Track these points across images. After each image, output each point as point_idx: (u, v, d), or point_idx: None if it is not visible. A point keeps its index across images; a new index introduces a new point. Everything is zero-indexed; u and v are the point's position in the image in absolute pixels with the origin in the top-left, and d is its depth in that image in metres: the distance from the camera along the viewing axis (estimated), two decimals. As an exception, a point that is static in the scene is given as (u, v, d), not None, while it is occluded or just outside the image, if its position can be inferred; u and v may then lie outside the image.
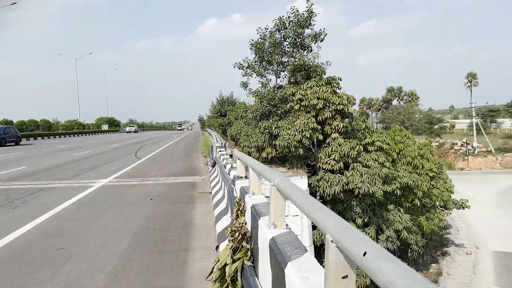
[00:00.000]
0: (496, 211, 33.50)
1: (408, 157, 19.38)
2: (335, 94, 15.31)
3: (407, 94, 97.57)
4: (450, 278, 19.97)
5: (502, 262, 22.13)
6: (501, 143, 65.92)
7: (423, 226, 18.67)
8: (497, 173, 52.57)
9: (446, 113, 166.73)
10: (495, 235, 26.90)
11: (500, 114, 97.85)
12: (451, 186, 23.48)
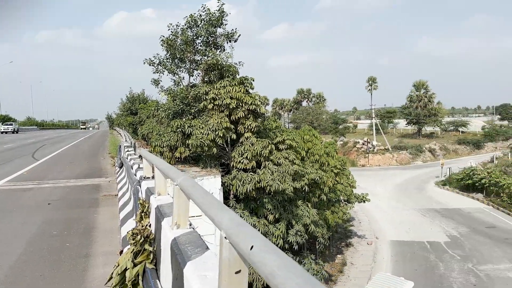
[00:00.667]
0: (393, 203, 37.00)
1: (316, 155, 20.47)
2: (248, 94, 15.58)
3: (316, 96, 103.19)
4: (353, 267, 21.55)
5: (398, 250, 24.47)
6: (397, 142, 72.94)
7: (329, 220, 19.89)
8: (393, 169, 58.05)
9: (349, 114, 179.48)
10: (392, 226, 29.69)
11: (396, 115, 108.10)
12: (354, 181, 25.37)
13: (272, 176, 14.56)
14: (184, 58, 16.49)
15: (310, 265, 15.83)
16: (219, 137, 14.17)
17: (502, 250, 23.46)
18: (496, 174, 37.00)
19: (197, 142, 13.63)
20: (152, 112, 20.36)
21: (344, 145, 70.83)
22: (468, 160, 53.39)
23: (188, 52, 16.28)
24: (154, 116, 19.17)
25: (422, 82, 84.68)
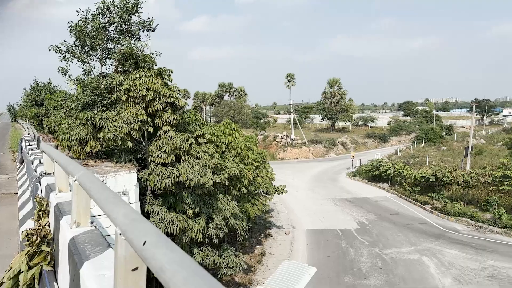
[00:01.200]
0: (309, 194, 38.80)
1: (237, 149, 20.60)
2: (166, 86, 15.12)
3: (237, 90, 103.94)
4: (272, 257, 22.20)
5: (313, 238, 25.71)
6: (313, 136, 76.49)
7: (249, 212, 20.22)
8: (310, 162, 60.85)
9: (270, 109, 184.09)
10: (308, 215, 31.12)
11: (312, 110, 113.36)
12: (273, 174, 26.06)
13: (192, 170, 14.34)
14: (95, 46, 15.45)
15: (229, 257, 15.95)
16: (134, 130, 13.57)
17: (404, 235, 25.85)
18: (400, 165, 40.64)
19: (109, 136, 12.90)
20: (60, 103, 18.83)
21: (264, 139, 72.38)
22: (376, 152, 57.92)
23: (100, 40, 15.29)
24: (62, 107, 17.74)
25: (335, 79, 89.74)
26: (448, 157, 50.53)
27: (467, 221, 28.20)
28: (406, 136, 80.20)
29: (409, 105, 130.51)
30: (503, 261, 20.86)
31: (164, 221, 13.91)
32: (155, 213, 14.16)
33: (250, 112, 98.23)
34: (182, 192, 14.82)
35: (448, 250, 22.82)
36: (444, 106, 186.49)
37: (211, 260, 14.93)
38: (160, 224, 13.74)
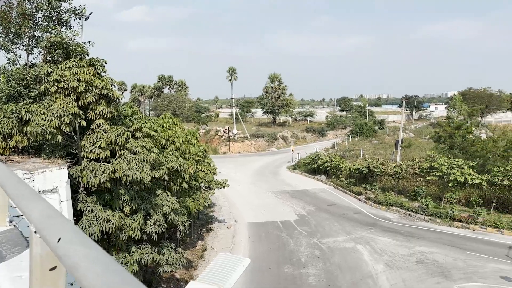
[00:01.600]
0: (251, 187, 39.20)
1: (177, 143, 20.22)
2: (100, 77, 14.40)
3: (177, 83, 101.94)
4: (213, 251, 22.15)
5: (255, 231, 26.03)
6: (255, 130, 77.25)
7: (190, 207, 19.98)
8: (252, 156, 61.43)
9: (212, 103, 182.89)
10: (250, 208, 31.44)
11: (254, 105, 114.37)
12: (214, 168, 25.96)
13: (128, 166, 13.83)
14: (21, 34, 14.31)
15: (169, 254, 15.66)
16: (65, 124, 12.77)
17: (340, 224, 27.02)
18: (336, 158, 42.36)
19: (37, 130, 12.04)
20: (-20, 95, 17.22)
21: (206, 133, 71.85)
22: (314, 146, 59.88)
23: (26, 27, 14.18)
24: (-17, 99, 16.24)
25: (276, 75, 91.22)
26: (381, 150, 53.58)
27: (397, 210, 30.11)
28: (342, 130, 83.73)
29: (345, 101, 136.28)
30: (429, 247, 22.56)
31: (99, 219, 13.30)
32: (89, 211, 13.50)
33: (191, 106, 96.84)
34: (118, 189, 14.26)
35: (380, 237, 24.23)
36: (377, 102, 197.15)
37: (150, 258, 14.57)
38: (95, 222, 13.14)
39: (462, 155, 35.98)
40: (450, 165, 29.46)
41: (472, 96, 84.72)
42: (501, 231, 24.81)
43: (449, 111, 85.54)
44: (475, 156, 34.82)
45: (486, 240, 23.77)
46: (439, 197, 30.62)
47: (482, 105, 79.64)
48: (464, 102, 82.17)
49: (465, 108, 77.70)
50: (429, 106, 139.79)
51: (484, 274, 18.67)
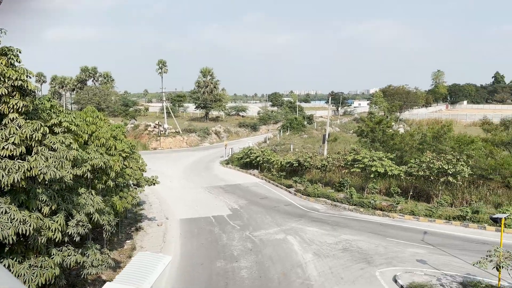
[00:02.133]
0: (183, 183, 38.55)
1: (102, 139, 19.17)
2: (13, 67, 13.14)
3: (103, 75, 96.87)
4: (143, 250, 21.38)
5: (187, 227, 25.63)
6: (187, 125, 76.01)
7: (117, 206, 19.08)
8: (184, 151, 60.42)
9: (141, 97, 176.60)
10: (182, 205, 30.90)
11: (186, 99, 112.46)
12: (143, 164, 25.06)
13: (46, 163, 12.81)
14: None
15: (94, 255, 14.82)
16: (-30, 118, 11.48)
17: (272, 217, 27.58)
18: (268, 152, 43.15)
19: None
20: None
21: (135, 128, 69.25)
22: (247, 141, 60.53)
23: None
24: None
25: (208, 69, 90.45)
26: (309, 144, 55.63)
27: (324, 200, 31.45)
28: (274, 125, 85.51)
29: (276, 96, 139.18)
30: (354, 235, 23.86)
31: (14, 221, 12.18)
32: (2, 213, 12.31)
33: (118, 100, 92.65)
34: (35, 188, 13.16)
35: (309, 228, 25.15)
36: (306, 98, 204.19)
37: (73, 260, 13.67)
38: (9, 224, 12.00)
39: (382, 148, 38.51)
40: (372, 157, 31.38)
41: (392, 93, 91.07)
42: (417, 218, 26.99)
43: (371, 107, 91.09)
44: (394, 149, 37.47)
45: (404, 226, 25.72)
46: (362, 187, 32.52)
47: (401, 101, 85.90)
48: (384, 98, 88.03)
49: (385, 104, 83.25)
50: (353, 102, 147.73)
51: (403, 259, 20.18)
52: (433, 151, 32.46)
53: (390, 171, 30.66)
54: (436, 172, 28.62)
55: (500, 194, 28.73)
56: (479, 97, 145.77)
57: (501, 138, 41.60)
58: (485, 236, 23.45)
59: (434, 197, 29.69)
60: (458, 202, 28.86)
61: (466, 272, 18.17)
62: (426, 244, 22.21)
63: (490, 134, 47.85)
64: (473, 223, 25.24)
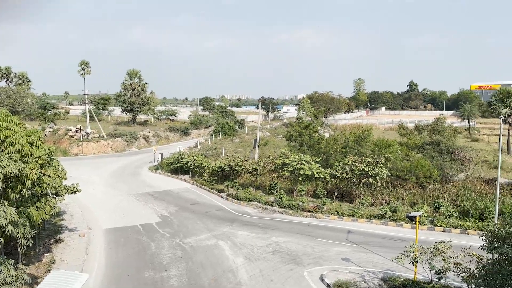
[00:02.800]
0: (109, 191, 36.69)
1: (17, 145, 17.57)
2: None
3: (18, 76, 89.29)
4: (63, 264, 19.99)
5: (112, 237, 24.39)
6: (112, 129, 72.61)
7: (34, 217, 17.59)
8: (109, 157, 57.56)
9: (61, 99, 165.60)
10: (107, 214, 29.37)
11: (111, 102, 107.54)
12: (63, 172, 23.41)
13: None
14: None
15: (7, 271, 13.51)
16: None
17: (203, 222, 27.29)
18: (199, 157, 42.69)
19: None
20: None
21: (54, 133, 64.68)
22: (177, 145, 59.33)
23: None
24: None
25: (135, 71, 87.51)
26: (241, 148, 56.09)
27: (255, 204, 31.86)
28: (205, 130, 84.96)
29: (208, 101, 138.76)
30: (283, 236, 24.44)
31: None
32: None
33: (35, 102, 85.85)
34: None
35: (240, 232, 25.28)
36: (237, 103, 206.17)
37: (-19, 279, 12.34)
38: None
39: (309, 151, 40.04)
40: (300, 161, 32.50)
41: (318, 99, 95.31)
42: (341, 218, 28.40)
43: (299, 112, 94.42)
44: (320, 153, 39.16)
45: (330, 226, 26.92)
46: (291, 190, 33.49)
47: (326, 107, 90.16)
48: (311, 104, 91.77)
49: (312, 110, 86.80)
50: (282, 108, 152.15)
51: (329, 258, 21.09)
52: (355, 154, 34.44)
53: (317, 174, 31.99)
54: (358, 174, 30.42)
55: (415, 194, 31.28)
56: (396, 104, 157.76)
57: (415, 142, 45.37)
58: (403, 233, 25.35)
59: (356, 197, 31.48)
60: (378, 202, 30.89)
61: (387, 268, 19.49)
62: (350, 243, 23.45)
63: (405, 138, 51.94)
64: (392, 221, 27.17)
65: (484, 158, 42.51)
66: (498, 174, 24.26)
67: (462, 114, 74.73)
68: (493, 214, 24.62)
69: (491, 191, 30.01)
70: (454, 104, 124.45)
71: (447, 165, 34.82)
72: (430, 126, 58.39)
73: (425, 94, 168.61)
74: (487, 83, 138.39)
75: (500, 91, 57.77)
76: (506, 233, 11.22)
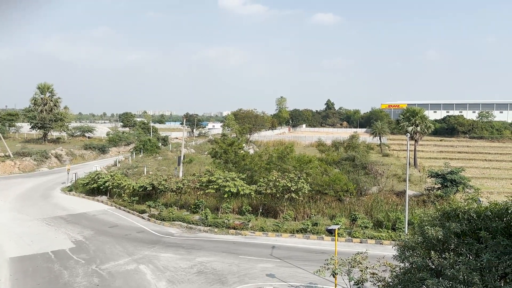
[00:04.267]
0: (14, 215, 33.21)
1: None
2: None
3: None
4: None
5: (19, 267, 22.00)
6: (20, 148, 66.38)
7: None
8: (16, 178, 52.36)
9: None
10: (13, 241, 26.48)
11: (19, 118, 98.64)
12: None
13: None
14: None
15: None
16: None
17: (122, 246, 25.78)
18: (118, 176, 40.51)
19: None
20: None
21: None
22: (94, 164, 55.79)
23: None
24: None
25: (47, 85, 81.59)
26: (164, 166, 54.47)
27: (180, 224, 30.96)
28: (125, 147, 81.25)
29: (128, 117, 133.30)
30: (208, 256, 23.98)
31: None
32: None
33: None
34: None
35: (163, 254, 24.30)
36: (160, 119, 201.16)
37: None
38: None
39: (235, 168, 40.19)
40: (225, 178, 32.41)
41: (242, 116, 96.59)
42: (266, 234, 28.70)
43: (224, 129, 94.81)
44: (245, 169, 39.48)
45: (255, 243, 27.04)
46: (217, 207, 33.18)
47: (250, 124, 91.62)
48: (236, 121, 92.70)
49: (236, 127, 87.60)
50: (207, 124, 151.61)
51: (254, 275, 21.07)
52: (278, 170, 35.29)
53: (242, 191, 32.11)
54: (282, 190, 31.13)
55: (334, 207, 32.79)
56: (315, 121, 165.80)
57: (333, 158, 47.77)
58: (324, 245, 26.30)
59: (280, 212, 32.13)
60: (301, 216, 31.84)
61: (309, 281, 19.98)
62: (275, 258, 23.72)
63: (324, 154, 54.52)
64: (313, 234, 28.11)
65: (394, 172, 46.11)
66: (407, 187, 26.44)
67: (374, 131, 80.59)
68: (404, 225, 26.65)
69: (401, 202, 32.56)
70: (367, 121, 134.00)
71: (361, 179, 37.12)
72: (346, 143, 61.99)
73: (341, 113, 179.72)
74: (395, 102, 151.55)
75: (406, 110, 63.77)
76: (415, 243, 12.11)
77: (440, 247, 11.54)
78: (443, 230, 11.27)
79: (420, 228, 12.35)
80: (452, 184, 34.30)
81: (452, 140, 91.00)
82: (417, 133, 58.92)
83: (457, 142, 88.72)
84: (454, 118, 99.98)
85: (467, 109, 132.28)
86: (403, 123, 60.70)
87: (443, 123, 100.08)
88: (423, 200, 34.39)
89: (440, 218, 12.10)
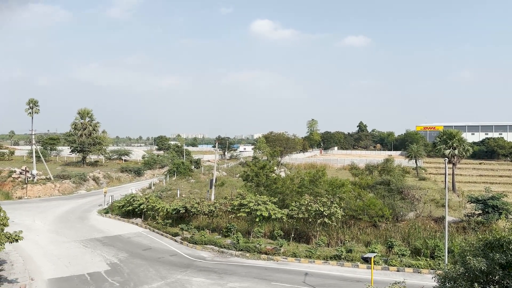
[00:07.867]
0: (53, 237, 34.31)
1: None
2: None
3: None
4: (-2, 322, 18.09)
5: None
6: (60, 170, 69.16)
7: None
8: (56, 200, 54.41)
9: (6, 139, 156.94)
10: (51, 262, 27.30)
11: (60, 142, 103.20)
12: (5, 218, 21.74)
13: None
14: None
15: None
16: None
17: (156, 269, 26.02)
18: (153, 199, 41.31)
19: None
20: None
21: (-5, 175, 60.59)
22: (130, 187, 57.32)
23: None
24: None
25: (87, 110, 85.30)
26: (197, 189, 55.08)
27: (211, 248, 31.00)
28: (160, 170, 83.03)
29: (163, 140, 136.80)
30: (240, 282, 23.76)
31: None
32: None
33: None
34: None
35: (195, 278, 24.30)
36: (193, 142, 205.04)
37: None
38: None
39: (266, 191, 40.08)
40: (257, 201, 32.35)
41: (273, 139, 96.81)
42: (298, 260, 28.20)
43: (255, 152, 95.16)
44: (276, 193, 39.30)
45: (288, 269, 26.58)
46: (248, 231, 33.02)
47: (281, 146, 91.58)
48: (267, 144, 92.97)
49: (268, 150, 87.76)
50: (239, 147, 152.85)
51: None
52: (310, 194, 34.88)
53: (274, 215, 31.87)
54: (314, 214, 30.67)
55: (368, 233, 31.89)
56: (347, 144, 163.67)
57: (366, 182, 46.83)
58: (359, 274, 25.50)
59: (312, 238, 31.56)
60: (334, 242, 31.13)
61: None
62: (308, 286, 23.18)
63: (357, 178, 53.54)
64: (348, 261, 27.33)
65: (432, 197, 44.51)
66: (446, 212, 25.40)
67: (409, 154, 78.56)
68: (443, 253, 25.49)
69: (440, 229, 31.26)
70: (402, 144, 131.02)
71: (397, 204, 36.04)
72: (380, 166, 60.69)
73: (374, 135, 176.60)
74: (431, 124, 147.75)
75: (443, 132, 61.86)
76: (456, 274, 11.59)
77: (484, 279, 10.98)
78: (487, 261, 10.74)
79: (461, 258, 11.82)
80: (493, 211, 32.67)
81: (492, 163, 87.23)
82: (455, 156, 56.88)
83: (498, 165, 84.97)
84: (494, 140, 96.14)
85: (507, 131, 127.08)
86: (440, 146, 58.85)
87: (482, 146, 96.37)
88: (463, 226, 32.85)
89: (483, 248, 11.55)
